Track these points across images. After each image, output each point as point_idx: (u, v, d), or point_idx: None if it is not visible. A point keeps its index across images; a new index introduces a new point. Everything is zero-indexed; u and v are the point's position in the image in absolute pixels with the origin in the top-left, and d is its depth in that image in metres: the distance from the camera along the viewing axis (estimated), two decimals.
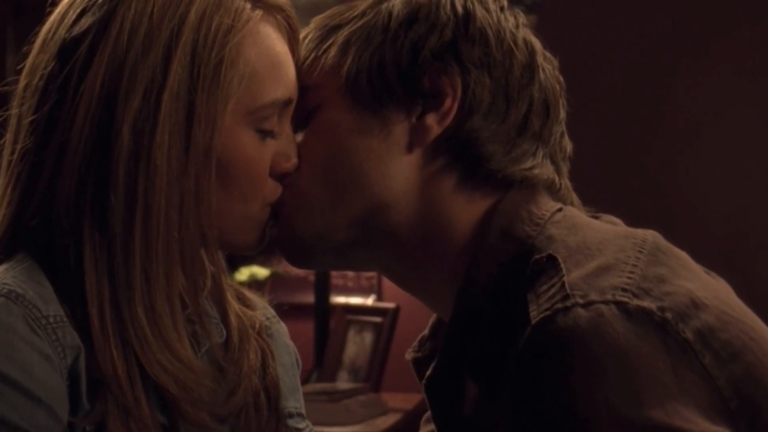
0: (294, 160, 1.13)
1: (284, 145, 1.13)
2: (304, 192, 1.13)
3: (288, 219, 1.14)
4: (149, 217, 1.04)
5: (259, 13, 1.11)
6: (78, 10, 1.08)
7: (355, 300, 4.24)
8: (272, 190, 1.12)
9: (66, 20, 1.08)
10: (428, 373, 1.13)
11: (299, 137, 1.15)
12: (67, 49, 1.07)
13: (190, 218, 1.06)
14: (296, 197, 1.13)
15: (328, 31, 1.16)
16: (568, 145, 1.17)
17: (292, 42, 1.15)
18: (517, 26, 1.15)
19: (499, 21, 1.13)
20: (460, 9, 1.12)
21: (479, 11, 1.13)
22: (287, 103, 1.13)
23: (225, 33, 1.07)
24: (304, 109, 1.15)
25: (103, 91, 1.05)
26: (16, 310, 1.00)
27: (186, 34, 1.06)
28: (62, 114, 1.05)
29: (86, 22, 1.07)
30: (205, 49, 1.06)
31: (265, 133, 1.11)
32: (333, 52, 1.14)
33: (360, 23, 1.14)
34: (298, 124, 1.15)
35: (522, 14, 1.17)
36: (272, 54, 1.11)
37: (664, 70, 3.02)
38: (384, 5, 1.14)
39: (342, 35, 1.14)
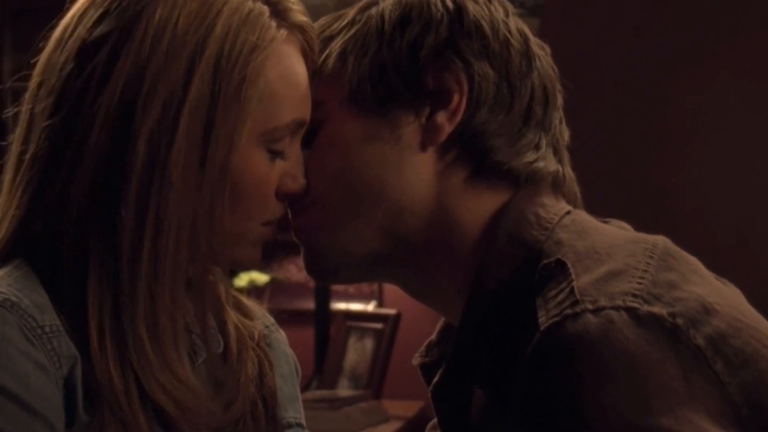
0: (301, 181, 1.12)
1: (292, 165, 1.11)
2: (324, 209, 1.12)
3: (311, 239, 1.14)
4: (159, 233, 1.02)
5: (284, 33, 1.09)
6: (99, 11, 1.06)
7: (356, 306, 4.22)
8: (274, 209, 1.11)
9: (86, 20, 1.06)
10: (436, 379, 1.12)
11: (305, 154, 1.14)
12: (87, 53, 1.05)
13: (202, 237, 1.04)
14: (316, 216, 1.13)
15: (320, 44, 1.15)
16: (566, 132, 1.17)
17: (310, 62, 1.13)
18: (507, 15, 1.14)
19: (490, 12, 1.13)
20: (450, 4, 1.12)
21: (470, 4, 1.12)
22: (301, 124, 1.11)
23: (249, 51, 1.05)
24: (309, 126, 1.13)
25: (122, 100, 1.02)
26: (12, 319, 0.99)
27: (210, 48, 1.04)
28: (79, 120, 1.03)
29: (108, 25, 1.04)
30: (228, 65, 1.04)
31: (275, 154, 1.10)
32: (330, 64, 1.13)
33: (353, 31, 1.13)
34: (304, 141, 1.14)
35: (509, 3, 1.16)
36: (291, 75, 1.09)
37: (667, 73, 3.01)
38: (373, 9, 1.14)
39: (336, 46, 1.13)
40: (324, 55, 1.14)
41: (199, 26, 1.04)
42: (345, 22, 1.14)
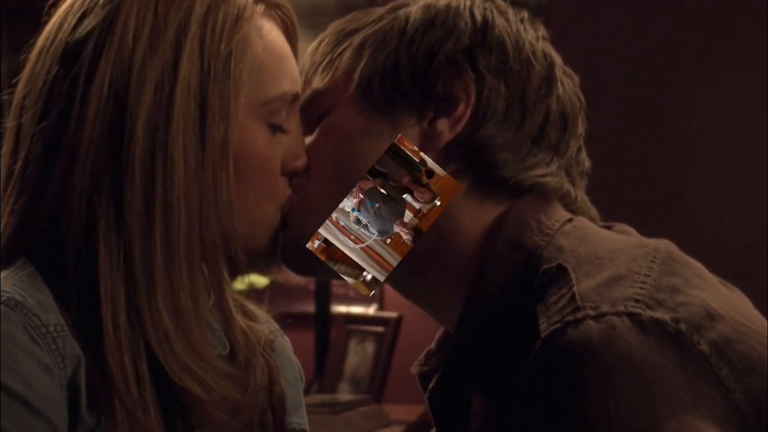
0: (304, 158, 1.13)
1: (294, 143, 1.13)
2: (313, 195, 1.12)
3: (296, 224, 1.13)
4: (169, 214, 1.03)
5: (261, 7, 1.11)
6: (78, 14, 1.07)
7: (357, 309, 4.21)
8: (283, 189, 1.12)
9: (66, 26, 1.07)
10: (432, 384, 1.12)
11: (309, 140, 1.15)
12: (71, 53, 1.06)
13: (211, 214, 1.05)
14: (305, 201, 1.12)
15: (344, 36, 1.16)
16: (586, 162, 1.17)
17: (292, 39, 1.15)
18: (537, 38, 1.14)
19: (518, 31, 1.13)
20: (478, 17, 1.12)
21: (498, 20, 1.13)
22: (295, 97, 1.13)
23: (232, 25, 1.07)
24: (316, 113, 1.15)
25: (111, 91, 1.04)
26: (16, 318, 0.98)
27: (193, 28, 1.05)
28: (71, 118, 1.04)
29: (89, 24, 1.06)
30: (213, 42, 1.06)
31: (275, 128, 1.11)
32: (347, 55, 1.14)
33: (376, 27, 1.14)
34: (309, 128, 1.15)
35: (543, 28, 1.17)
36: (277, 48, 1.11)
37: (672, 72, 3.00)
38: (401, 11, 1.15)
39: (357, 39, 1.15)
40: (343, 46, 1.15)
41: (179, 8, 1.06)
42: (372, 18, 1.16)
